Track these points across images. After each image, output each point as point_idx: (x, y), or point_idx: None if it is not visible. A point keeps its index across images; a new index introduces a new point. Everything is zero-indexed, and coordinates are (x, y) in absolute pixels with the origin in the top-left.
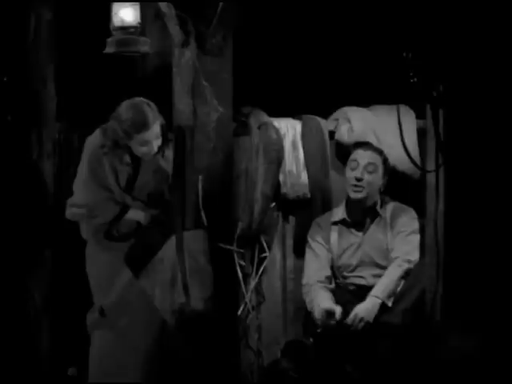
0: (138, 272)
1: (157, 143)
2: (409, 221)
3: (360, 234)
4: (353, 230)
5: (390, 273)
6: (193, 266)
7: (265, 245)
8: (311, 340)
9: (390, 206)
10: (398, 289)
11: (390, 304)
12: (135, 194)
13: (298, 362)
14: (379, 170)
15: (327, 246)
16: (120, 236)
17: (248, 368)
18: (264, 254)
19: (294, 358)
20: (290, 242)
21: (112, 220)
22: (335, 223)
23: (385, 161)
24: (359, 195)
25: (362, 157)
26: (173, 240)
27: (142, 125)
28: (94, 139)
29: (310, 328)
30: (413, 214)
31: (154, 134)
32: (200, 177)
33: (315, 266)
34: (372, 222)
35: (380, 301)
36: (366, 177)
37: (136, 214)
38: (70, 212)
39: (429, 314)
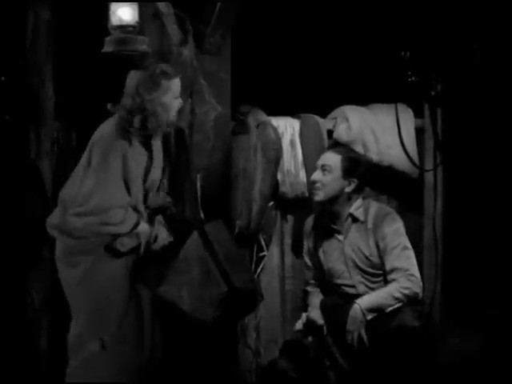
0: (157, 284)
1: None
2: (395, 233)
3: (341, 237)
4: (335, 234)
5: (386, 292)
6: (227, 253)
7: (263, 244)
8: (310, 339)
9: (373, 210)
10: (387, 310)
11: (368, 317)
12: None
13: (297, 361)
14: (335, 171)
15: (309, 251)
16: (126, 251)
17: (246, 368)
18: (262, 253)
19: (292, 358)
20: (288, 240)
21: (129, 231)
22: (315, 227)
23: (347, 162)
24: (316, 198)
25: (321, 159)
26: (194, 236)
27: (169, 72)
28: (108, 126)
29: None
30: (395, 225)
31: (178, 88)
32: (198, 175)
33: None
34: (352, 225)
35: (360, 308)
36: (321, 178)
37: (143, 227)
38: (84, 222)
39: (427, 314)
